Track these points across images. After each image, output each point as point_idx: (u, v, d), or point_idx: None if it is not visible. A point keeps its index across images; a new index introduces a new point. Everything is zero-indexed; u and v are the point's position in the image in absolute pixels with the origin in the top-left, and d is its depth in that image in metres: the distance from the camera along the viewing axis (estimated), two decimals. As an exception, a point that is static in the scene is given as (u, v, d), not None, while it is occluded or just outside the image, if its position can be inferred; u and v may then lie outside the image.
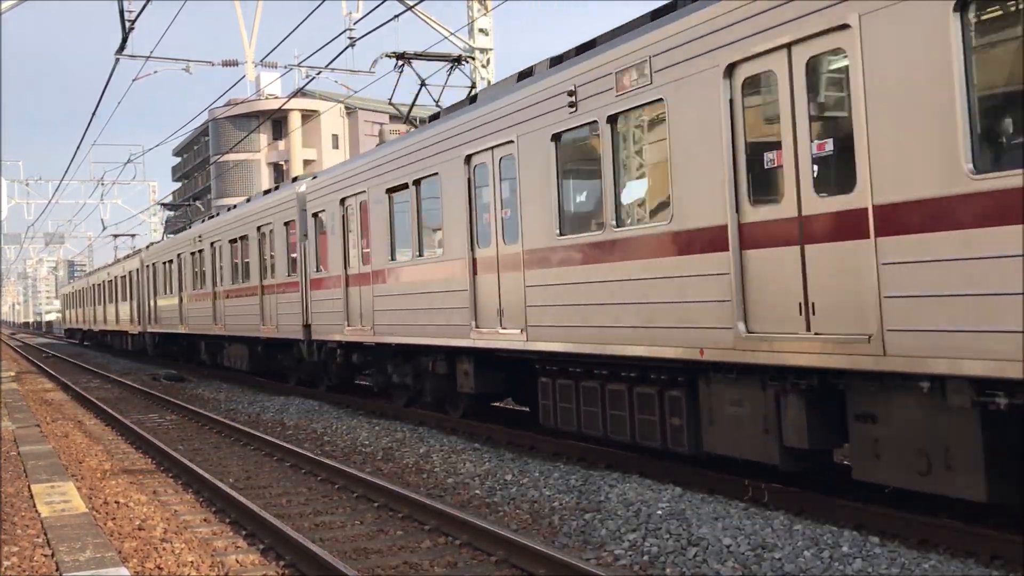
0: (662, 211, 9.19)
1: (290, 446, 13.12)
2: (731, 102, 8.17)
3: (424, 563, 7.62)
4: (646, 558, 7.44)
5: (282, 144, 70.91)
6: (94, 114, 27.05)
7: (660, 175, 9.12)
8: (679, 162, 8.76)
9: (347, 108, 69.32)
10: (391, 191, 15.07)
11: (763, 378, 8.18)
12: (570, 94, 10.11)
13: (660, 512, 8.40)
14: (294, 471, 12.13)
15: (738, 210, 8.16)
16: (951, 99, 6.35)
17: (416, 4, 20.61)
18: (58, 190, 54.54)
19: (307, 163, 68.35)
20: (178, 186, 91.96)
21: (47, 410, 20.34)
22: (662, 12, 9.39)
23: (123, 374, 31.19)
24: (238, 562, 7.86)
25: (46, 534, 7.87)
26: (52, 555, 7.22)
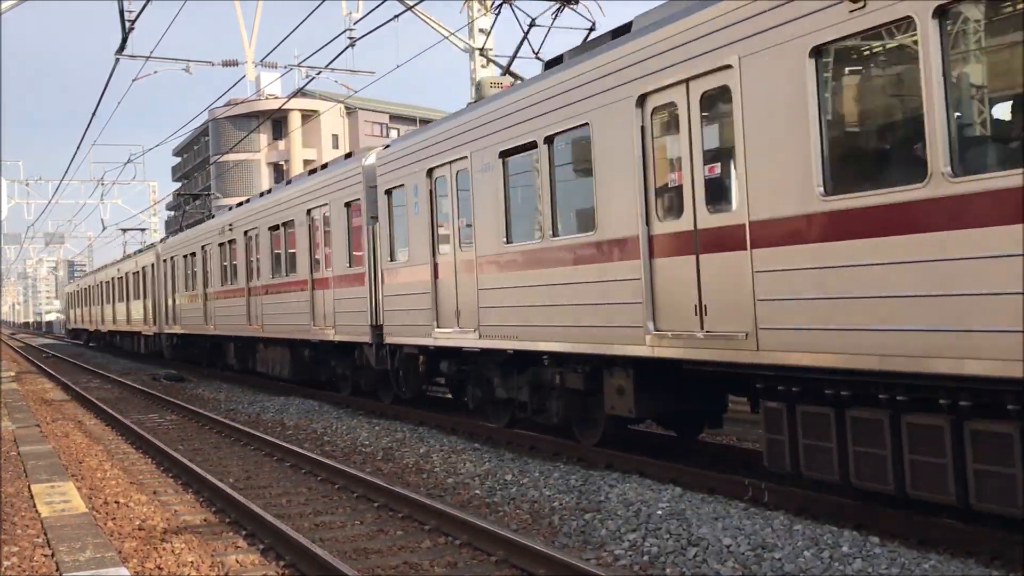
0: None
1: (290, 446, 13.13)
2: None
3: (424, 563, 7.63)
4: (646, 558, 7.44)
5: (282, 144, 70.93)
6: (94, 114, 27.05)
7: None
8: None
9: (347, 108, 69.35)
10: (507, 154, 11.90)
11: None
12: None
13: (660, 512, 8.40)
14: (294, 471, 12.13)
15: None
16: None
17: (416, 4, 20.61)
18: (58, 190, 54.56)
19: (307, 163, 68.31)
20: (178, 186, 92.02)
21: (47, 410, 20.35)
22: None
23: (123, 374, 31.20)
24: (238, 562, 7.86)
25: (46, 534, 7.88)
26: (52, 555, 7.22)
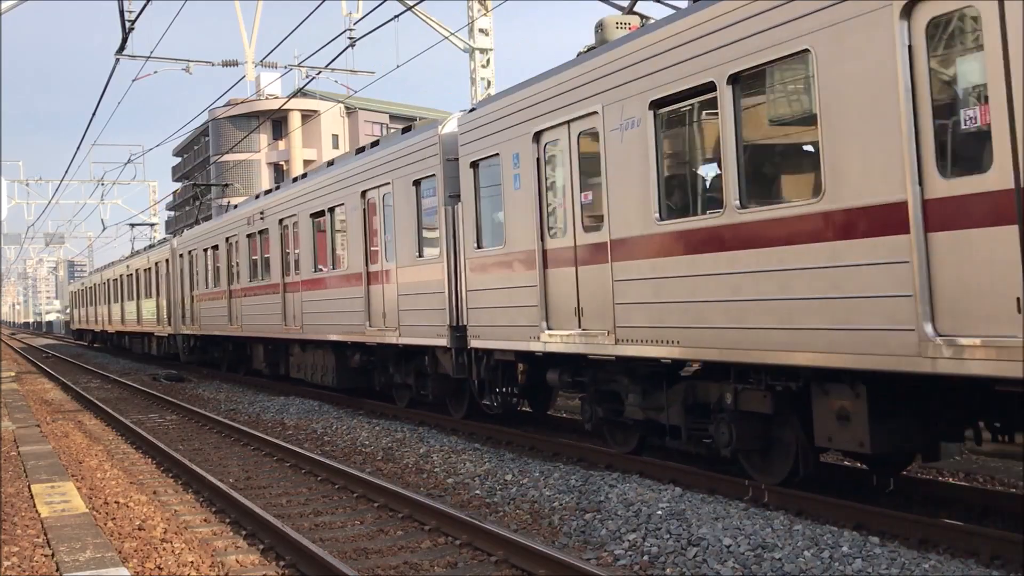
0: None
1: (290, 446, 13.12)
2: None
3: (424, 563, 7.62)
4: (646, 558, 7.44)
5: (282, 144, 70.92)
6: (94, 114, 27.03)
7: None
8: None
9: (347, 108, 69.35)
10: (662, 104, 9.21)
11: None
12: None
13: (660, 512, 8.40)
14: (294, 471, 12.13)
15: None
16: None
17: (416, 4, 20.61)
18: (58, 190, 54.60)
19: (307, 163, 68.33)
20: (178, 186, 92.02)
21: (47, 410, 20.35)
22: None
23: (123, 374, 31.21)
24: (238, 562, 7.86)
25: (46, 534, 7.87)
26: (52, 555, 7.21)
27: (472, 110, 13.12)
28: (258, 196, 23.73)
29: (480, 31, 23.61)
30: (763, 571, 6.89)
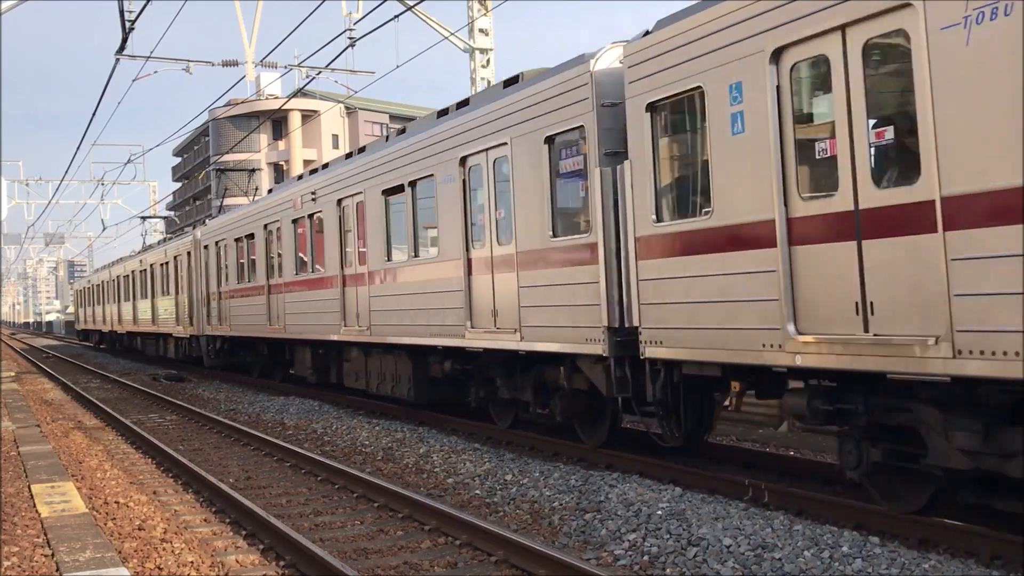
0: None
1: (290, 446, 13.13)
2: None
3: (424, 563, 7.63)
4: (646, 558, 7.44)
5: (282, 144, 70.92)
6: (94, 114, 26.98)
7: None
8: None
9: (347, 108, 69.36)
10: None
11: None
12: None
13: (660, 512, 8.40)
14: (294, 471, 12.13)
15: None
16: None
17: (416, 4, 20.61)
18: (58, 190, 54.58)
19: (307, 163, 68.35)
20: (178, 186, 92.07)
21: (47, 410, 20.35)
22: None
23: (123, 374, 31.21)
24: (238, 562, 7.86)
25: (46, 534, 7.87)
26: (52, 555, 7.22)
27: (647, 33, 9.66)
28: (300, 177, 20.86)
29: (480, 31, 23.61)
30: (763, 571, 6.89)
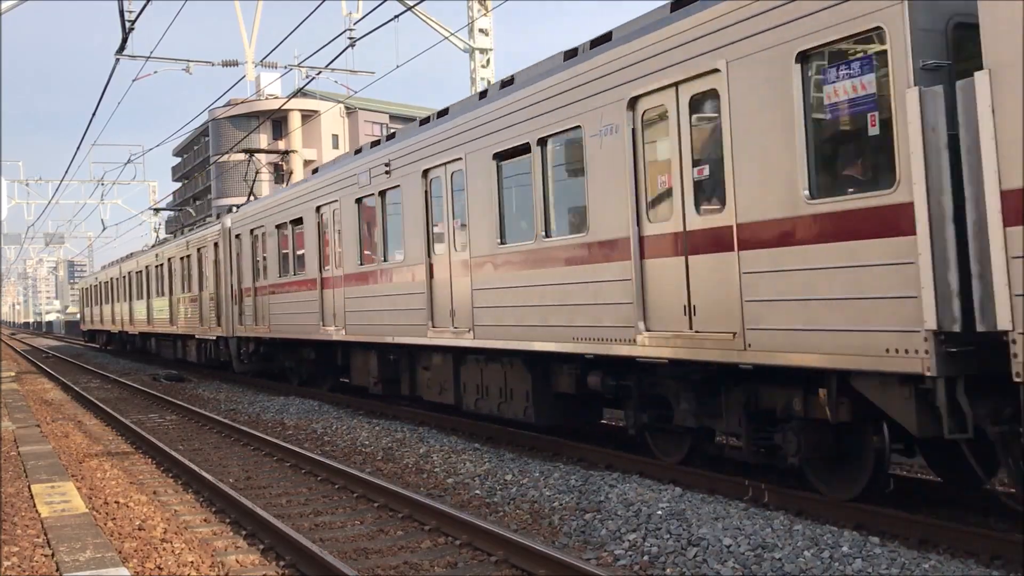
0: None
1: (290, 446, 13.12)
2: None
3: (424, 563, 7.63)
4: (646, 558, 7.44)
5: (282, 144, 70.91)
6: (94, 114, 26.92)
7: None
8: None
9: (347, 108, 69.34)
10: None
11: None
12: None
13: (660, 512, 8.40)
14: (294, 471, 12.13)
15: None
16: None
17: (416, 4, 20.62)
18: (58, 190, 54.60)
19: (307, 163, 68.34)
20: (178, 186, 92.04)
21: (47, 410, 20.35)
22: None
23: (123, 374, 31.21)
24: (238, 562, 7.86)
25: (46, 534, 7.87)
26: (52, 555, 7.22)
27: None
28: (359, 151, 17.42)
29: (480, 31, 23.61)
30: (763, 571, 6.89)
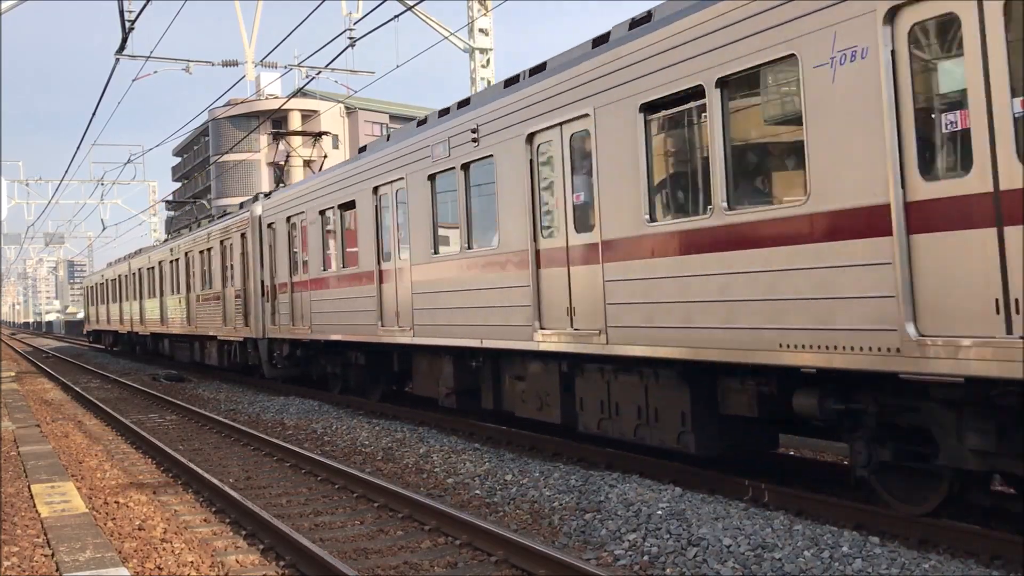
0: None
1: (290, 446, 13.12)
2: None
3: (424, 563, 7.63)
4: (646, 558, 7.44)
5: (282, 144, 70.90)
6: (94, 114, 26.90)
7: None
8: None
9: (347, 108, 69.33)
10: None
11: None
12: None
13: (660, 512, 8.40)
14: (294, 471, 12.13)
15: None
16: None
17: (416, 4, 20.62)
18: (58, 190, 54.60)
19: (307, 163, 68.29)
20: (178, 186, 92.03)
21: (47, 410, 20.35)
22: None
23: (123, 374, 31.20)
24: (238, 562, 7.86)
25: (46, 534, 7.87)
26: (52, 555, 7.22)
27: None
28: (423, 122, 14.58)
29: (480, 31, 23.61)
30: (763, 571, 6.89)
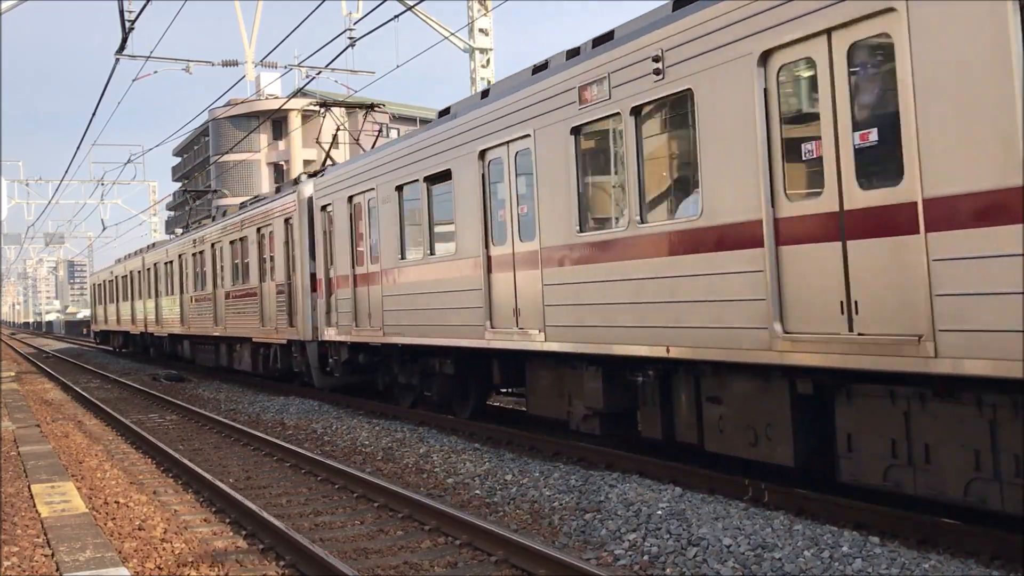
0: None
1: (290, 446, 13.12)
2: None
3: (424, 563, 7.63)
4: (646, 558, 7.44)
5: (282, 144, 70.90)
6: (94, 114, 26.92)
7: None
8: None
9: (347, 108, 69.24)
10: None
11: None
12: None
13: (660, 512, 8.40)
14: (294, 471, 12.13)
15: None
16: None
17: (416, 4, 20.62)
18: (58, 190, 54.63)
19: (307, 163, 68.32)
20: (178, 186, 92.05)
21: (47, 410, 20.35)
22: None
23: (123, 374, 31.20)
24: (238, 562, 7.86)
25: (46, 534, 7.87)
26: (52, 555, 7.22)
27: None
28: (541, 68, 11.58)
29: (480, 31, 23.62)
30: (763, 571, 6.89)
